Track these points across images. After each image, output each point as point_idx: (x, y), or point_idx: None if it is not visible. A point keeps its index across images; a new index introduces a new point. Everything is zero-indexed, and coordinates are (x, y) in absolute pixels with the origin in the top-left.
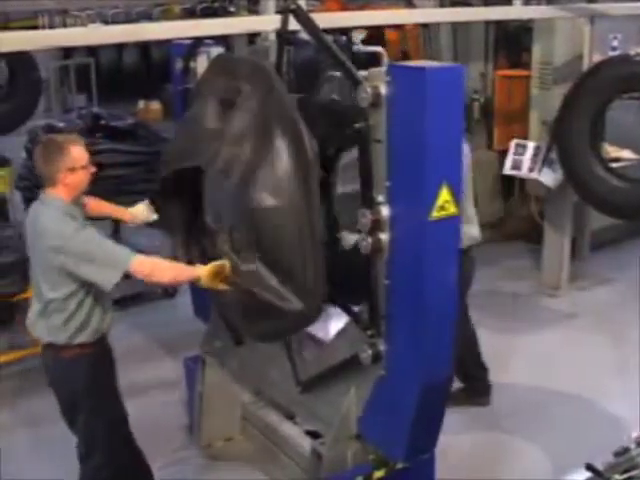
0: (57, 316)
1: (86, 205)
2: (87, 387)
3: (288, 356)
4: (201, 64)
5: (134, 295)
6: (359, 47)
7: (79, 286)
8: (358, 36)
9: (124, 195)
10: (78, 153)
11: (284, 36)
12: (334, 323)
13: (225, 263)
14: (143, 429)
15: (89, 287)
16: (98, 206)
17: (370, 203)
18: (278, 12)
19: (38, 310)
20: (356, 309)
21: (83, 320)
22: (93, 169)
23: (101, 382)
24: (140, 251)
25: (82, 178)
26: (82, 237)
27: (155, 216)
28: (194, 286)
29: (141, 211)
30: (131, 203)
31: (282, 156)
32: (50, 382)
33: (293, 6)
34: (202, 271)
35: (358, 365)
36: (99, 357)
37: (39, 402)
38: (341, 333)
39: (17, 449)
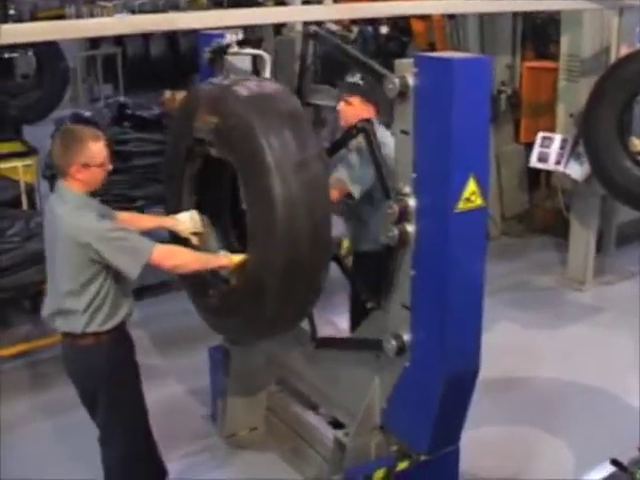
0: (75, 305)
1: (120, 222)
2: (105, 377)
3: (308, 318)
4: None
5: (158, 284)
6: None
7: (97, 274)
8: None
9: (151, 183)
10: (97, 150)
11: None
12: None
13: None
14: (167, 418)
15: (107, 275)
16: (133, 221)
17: (388, 193)
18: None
19: (55, 301)
20: None
21: (101, 308)
22: (109, 167)
23: (119, 372)
24: (161, 241)
25: (96, 176)
26: (101, 226)
27: (202, 229)
28: None
29: (186, 219)
30: (159, 192)
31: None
32: (68, 372)
33: (312, 31)
34: (228, 261)
35: (382, 355)
36: (117, 346)
37: (66, 389)
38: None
39: (44, 435)
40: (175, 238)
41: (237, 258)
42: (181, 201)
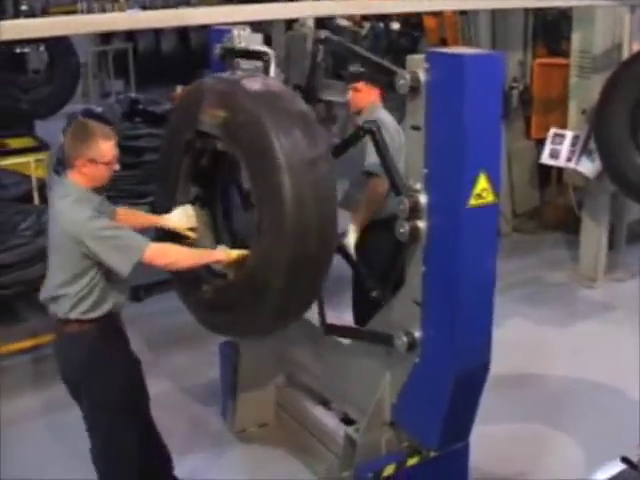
0: (64, 292)
1: (119, 220)
2: (86, 366)
3: (318, 302)
4: None
5: (165, 280)
6: None
7: (88, 268)
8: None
9: None
10: (106, 148)
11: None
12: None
13: (246, 253)
14: (175, 414)
15: (99, 270)
16: (130, 219)
17: (397, 190)
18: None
19: (49, 289)
20: None
21: (87, 298)
22: (116, 167)
23: (103, 363)
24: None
25: (102, 173)
26: (96, 224)
27: (195, 224)
28: None
29: (178, 217)
30: None
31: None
32: (56, 360)
33: (323, 37)
34: (225, 255)
35: (393, 351)
36: (102, 337)
37: None
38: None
39: (45, 432)
40: (166, 235)
41: (235, 253)
42: (175, 195)
